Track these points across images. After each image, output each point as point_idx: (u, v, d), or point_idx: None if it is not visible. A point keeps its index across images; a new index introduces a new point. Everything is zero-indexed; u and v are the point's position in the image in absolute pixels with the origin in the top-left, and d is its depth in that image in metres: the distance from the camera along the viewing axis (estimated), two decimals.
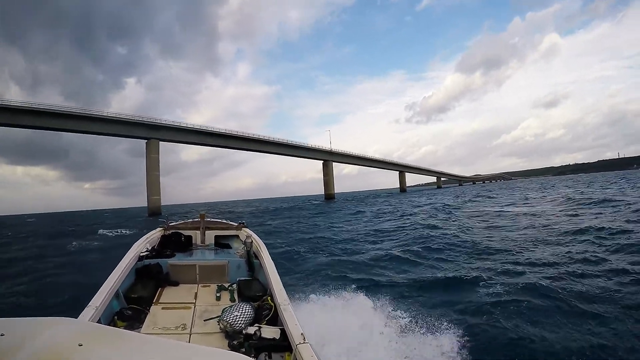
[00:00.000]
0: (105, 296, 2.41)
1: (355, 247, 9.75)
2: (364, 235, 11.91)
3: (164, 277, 3.28)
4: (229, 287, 3.26)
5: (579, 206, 15.29)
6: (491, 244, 8.20)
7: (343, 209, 29.79)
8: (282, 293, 2.58)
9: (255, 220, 22.33)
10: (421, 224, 13.15)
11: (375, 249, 9.07)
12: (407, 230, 12.16)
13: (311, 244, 10.50)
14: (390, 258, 7.70)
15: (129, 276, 3.08)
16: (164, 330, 2.41)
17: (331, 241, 10.89)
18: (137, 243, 3.63)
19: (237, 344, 2.21)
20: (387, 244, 9.80)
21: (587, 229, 8.89)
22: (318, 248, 9.70)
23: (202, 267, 3.43)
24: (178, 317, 2.62)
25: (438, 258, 7.44)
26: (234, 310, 2.42)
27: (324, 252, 9.04)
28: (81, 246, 14.00)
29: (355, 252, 8.83)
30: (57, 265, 9.34)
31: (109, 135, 45.73)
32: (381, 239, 11.00)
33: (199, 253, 4.01)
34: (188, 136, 50.18)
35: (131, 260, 3.23)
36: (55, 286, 6.96)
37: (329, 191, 68.72)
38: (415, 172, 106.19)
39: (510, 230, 10.46)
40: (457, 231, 10.66)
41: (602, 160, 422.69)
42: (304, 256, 8.59)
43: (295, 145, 62.72)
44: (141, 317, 2.60)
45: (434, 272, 6.39)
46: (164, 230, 4.37)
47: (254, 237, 3.85)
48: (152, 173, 46.19)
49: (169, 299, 2.96)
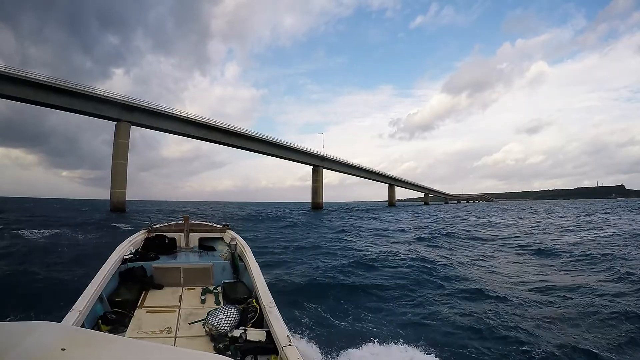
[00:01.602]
0: (89, 300, 2.38)
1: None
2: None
3: (148, 280, 3.26)
4: (214, 289, 3.26)
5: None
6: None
7: (350, 229, 19.55)
8: (268, 295, 2.60)
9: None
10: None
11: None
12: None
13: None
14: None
15: (112, 279, 3.06)
16: (149, 334, 2.39)
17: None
18: (120, 246, 3.60)
19: (222, 347, 2.19)
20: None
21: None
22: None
23: (186, 270, 3.41)
24: (163, 320, 2.61)
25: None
26: (219, 313, 2.41)
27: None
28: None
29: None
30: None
31: (74, 111, 39.47)
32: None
33: (183, 256, 3.96)
34: (167, 122, 43.91)
35: (115, 263, 3.19)
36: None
37: (317, 200, 63.98)
38: (406, 187, 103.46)
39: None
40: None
41: (580, 188, 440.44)
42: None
43: (286, 145, 57.87)
44: (125, 321, 2.58)
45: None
46: (148, 232, 4.26)
47: (239, 240, 3.85)
48: (118, 161, 40.08)
49: (153, 302, 2.95)
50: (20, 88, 34.21)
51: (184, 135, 47.63)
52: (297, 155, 60.86)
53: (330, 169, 69.08)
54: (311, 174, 65.45)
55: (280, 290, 5.55)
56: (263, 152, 56.46)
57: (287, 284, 6.67)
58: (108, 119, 40.98)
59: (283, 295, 4.76)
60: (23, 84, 34.12)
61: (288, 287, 6.44)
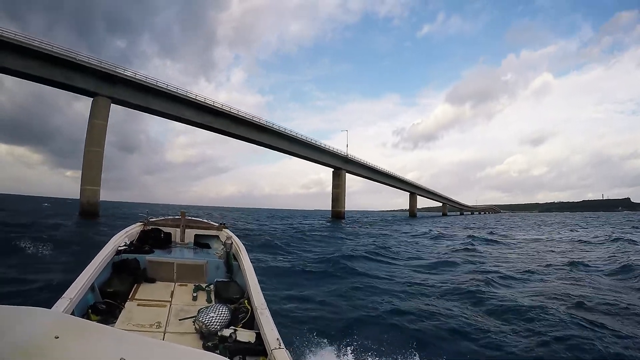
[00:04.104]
0: (80, 288, 2.32)
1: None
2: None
3: (141, 273, 3.17)
4: (207, 287, 3.18)
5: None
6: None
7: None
8: (260, 297, 2.56)
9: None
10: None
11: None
12: None
13: None
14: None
15: (105, 270, 3.00)
16: (139, 327, 2.32)
17: None
18: (115, 236, 3.52)
19: (211, 345, 2.15)
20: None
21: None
22: None
23: (180, 266, 3.35)
24: (153, 314, 2.55)
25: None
26: (210, 311, 2.37)
27: None
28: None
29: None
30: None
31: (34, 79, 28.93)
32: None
33: (178, 251, 3.90)
34: (159, 102, 33.05)
35: (109, 253, 3.11)
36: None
37: (338, 207, 53.42)
38: (427, 196, 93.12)
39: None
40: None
41: (586, 201, 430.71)
42: None
43: (308, 142, 47.34)
44: (115, 312, 2.53)
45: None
46: (144, 225, 4.17)
47: (234, 239, 3.80)
48: (92, 149, 29.40)
49: (145, 295, 2.87)
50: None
51: (182, 120, 36.77)
52: (319, 155, 50.33)
53: (353, 173, 58.63)
54: (332, 177, 55.01)
55: None
56: (278, 148, 45.85)
57: None
58: (82, 92, 30.44)
59: None
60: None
61: None
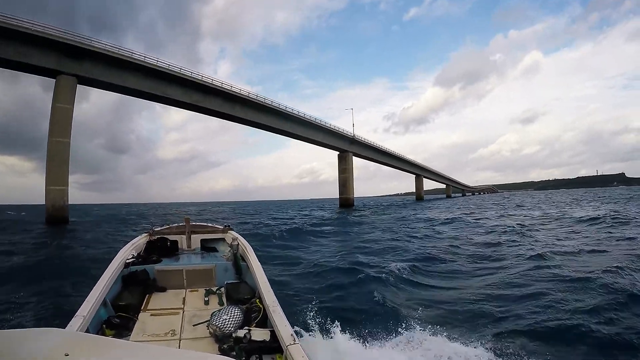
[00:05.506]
0: (93, 305, 2.33)
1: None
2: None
3: (151, 283, 3.20)
4: (217, 290, 3.20)
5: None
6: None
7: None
8: (271, 295, 2.56)
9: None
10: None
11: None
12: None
13: None
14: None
15: (115, 284, 3.00)
16: (153, 337, 2.35)
17: None
18: (122, 249, 3.52)
19: (227, 347, 2.18)
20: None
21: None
22: None
23: (189, 272, 3.37)
24: (167, 323, 2.57)
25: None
26: (222, 313, 2.38)
27: None
28: None
29: None
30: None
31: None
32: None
33: (186, 257, 3.90)
34: (136, 79, 27.65)
35: (117, 267, 3.11)
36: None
37: (347, 194, 48.81)
38: (433, 178, 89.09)
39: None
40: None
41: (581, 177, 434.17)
42: None
43: (311, 121, 42.28)
44: (130, 324, 2.53)
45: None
46: (150, 235, 4.23)
47: (240, 240, 3.82)
48: (55, 139, 24.07)
49: (157, 305, 2.90)
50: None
51: (164, 100, 31.20)
52: (323, 136, 45.35)
53: (360, 156, 53.88)
54: (338, 161, 50.24)
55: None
56: (279, 130, 40.72)
57: None
58: (42, 72, 24.99)
59: None
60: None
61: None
